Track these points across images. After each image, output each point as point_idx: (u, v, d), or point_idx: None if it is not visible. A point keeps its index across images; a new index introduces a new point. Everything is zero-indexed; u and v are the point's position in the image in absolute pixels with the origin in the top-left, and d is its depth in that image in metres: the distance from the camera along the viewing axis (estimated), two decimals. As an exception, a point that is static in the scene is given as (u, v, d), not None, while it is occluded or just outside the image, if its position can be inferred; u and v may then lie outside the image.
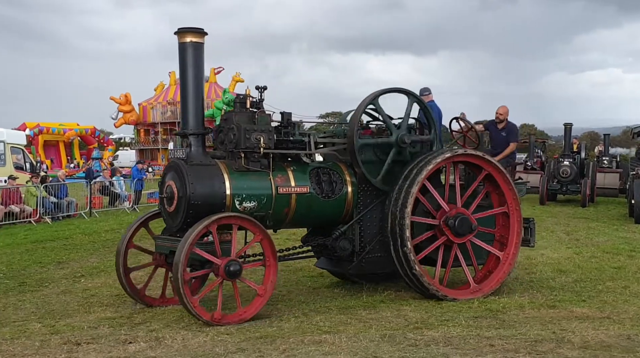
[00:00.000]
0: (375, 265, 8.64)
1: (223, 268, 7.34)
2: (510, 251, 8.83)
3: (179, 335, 6.82)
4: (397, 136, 8.47)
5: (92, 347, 6.48)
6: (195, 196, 7.50)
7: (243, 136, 7.76)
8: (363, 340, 6.36)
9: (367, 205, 8.55)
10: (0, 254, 12.99)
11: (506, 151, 10.11)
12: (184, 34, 7.84)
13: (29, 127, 39.93)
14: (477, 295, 8.44)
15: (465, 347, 6.09)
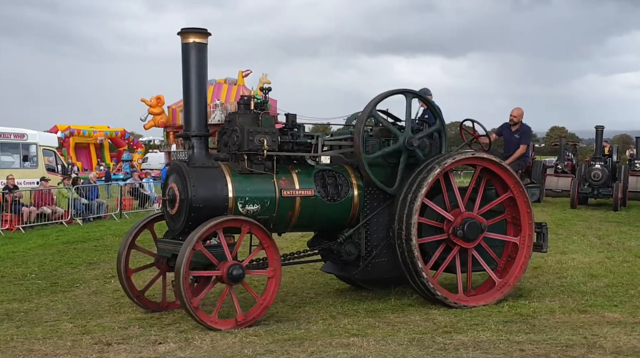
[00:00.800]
0: (381, 270, 8.44)
1: (226, 272, 7.22)
2: (526, 232, 8.63)
3: (208, 336, 6.86)
4: (404, 139, 8.27)
5: (122, 347, 6.55)
6: (197, 199, 7.39)
7: (246, 137, 7.61)
8: (391, 343, 6.34)
9: (373, 209, 8.37)
10: (33, 255, 13.21)
11: (516, 153, 9.86)
12: (187, 34, 7.74)
13: (61, 129, 40.51)
14: (498, 295, 8.29)
15: (495, 351, 6.04)
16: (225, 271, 7.21)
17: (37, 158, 21.13)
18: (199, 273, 7.51)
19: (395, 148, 8.31)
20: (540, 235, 9.05)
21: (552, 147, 42.20)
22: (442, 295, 8.05)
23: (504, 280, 8.51)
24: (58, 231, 16.88)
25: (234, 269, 7.22)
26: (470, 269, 8.47)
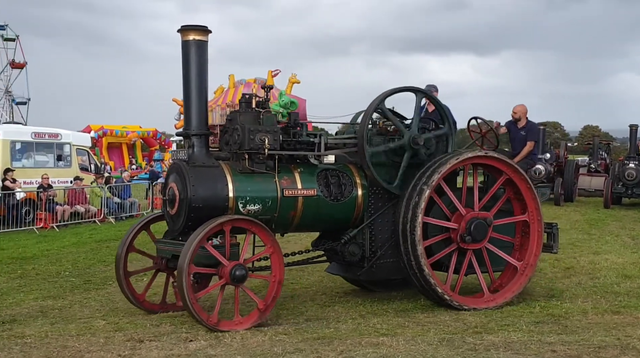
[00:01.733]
0: (386, 271, 8.26)
1: (229, 271, 7.08)
2: (529, 261, 8.41)
3: (238, 334, 6.91)
4: (409, 137, 8.09)
5: (154, 344, 6.61)
6: (196, 199, 7.26)
7: (247, 136, 7.46)
8: (421, 343, 6.31)
9: (378, 209, 8.19)
10: (66, 253, 13.42)
11: (523, 151, 9.62)
12: (187, 31, 7.58)
13: (94, 129, 41.06)
14: (490, 305, 8.09)
15: (527, 352, 5.98)
16: (228, 272, 7.09)
17: (70, 157, 21.44)
18: (203, 270, 7.35)
19: (400, 144, 8.13)
20: (551, 235, 8.86)
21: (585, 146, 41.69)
22: (449, 296, 7.92)
23: (493, 296, 8.26)
24: (91, 230, 17.13)
25: (237, 269, 7.10)
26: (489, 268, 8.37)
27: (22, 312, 8.45)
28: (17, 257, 12.83)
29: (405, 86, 8.32)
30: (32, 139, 20.55)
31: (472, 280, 8.80)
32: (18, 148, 20.09)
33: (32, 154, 20.54)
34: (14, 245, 14.42)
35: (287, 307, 8.37)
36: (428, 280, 7.81)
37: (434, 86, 9.69)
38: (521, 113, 9.82)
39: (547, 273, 10.46)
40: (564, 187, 23.35)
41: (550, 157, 24.15)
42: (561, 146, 26.81)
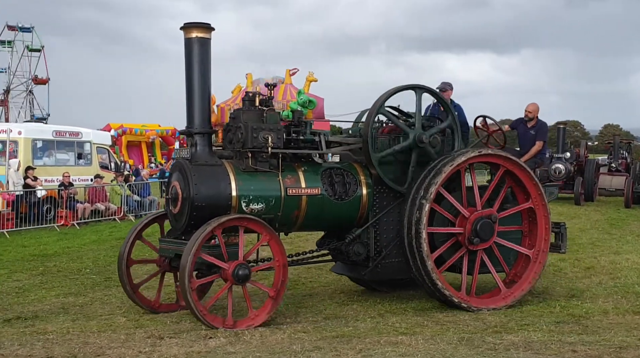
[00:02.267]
0: (392, 271, 8.17)
1: (231, 273, 7.06)
2: (540, 247, 8.36)
3: (257, 332, 6.93)
4: (414, 136, 7.99)
5: (174, 341, 6.65)
6: (199, 198, 7.20)
7: (250, 135, 7.37)
8: (440, 342, 6.29)
9: (383, 207, 8.10)
10: (87, 250, 13.53)
11: (532, 150, 9.47)
12: (189, 29, 7.50)
13: (113, 128, 41.35)
14: (507, 301, 8.02)
15: (547, 352, 5.94)
16: (231, 272, 7.06)
17: (91, 155, 21.61)
18: (203, 281, 7.42)
19: (406, 145, 8.03)
20: (559, 235, 8.76)
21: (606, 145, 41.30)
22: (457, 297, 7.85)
23: (510, 290, 8.20)
24: (111, 227, 17.26)
25: (240, 269, 7.07)
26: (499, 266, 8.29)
27: (44, 309, 8.55)
28: (39, 254, 12.96)
29: (407, 84, 8.21)
30: (53, 137, 20.74)
31: (487, 277, 8.75)
32: (39, 146, 20.28)
33: (53, 152, 20.72)
34: (35, 243, 14.57)
35: (305, 305, 8.38)
36: (443, 293, 7.79)
37: (449, 83, 9.58)
38: (535, 112, 9.71)
39: (568, 273, 10.39)
40: (584, 186, 23.15)
41: (571, 156, 23.96)
42: (581, 145, 26.61)
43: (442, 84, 9.48)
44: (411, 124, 8.18)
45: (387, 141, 8.20)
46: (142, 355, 6.18)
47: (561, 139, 24.65)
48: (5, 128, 19.89)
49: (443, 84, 9.49)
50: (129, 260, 8.12)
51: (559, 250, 8.83)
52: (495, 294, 8.24)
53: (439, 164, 7.87)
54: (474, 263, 8.13)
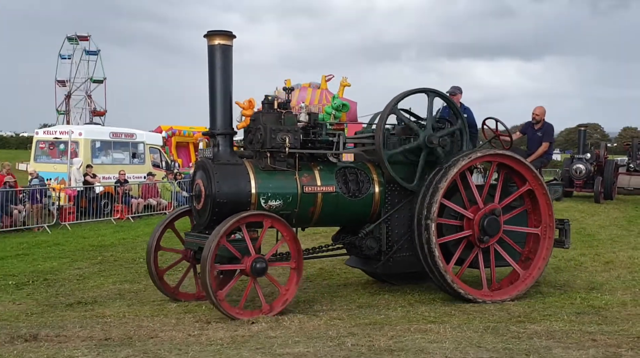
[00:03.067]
0: (403, 265, 8.10)
1: (250, 265, 7.05)
2: (546, 222, 8.16)
3: (296, 318, 6.96)
4: (424, 137, 7.92)
5: (220, 325, 6.73)
6: (220, 195, 7.20)
7: (269, 135, 7.39)
8: (467, 330, 6.25)
9: (394, 204, 8.02)
10: (141, 241, 13.72)
11: (539, 150, 9.24)
12: (212, 37, 7.49)
13: (164, 129, 41.76)
14: (528, 282, 7.96)
15: (568, 340, 5.86)
16: (249, 265, 7.06)
17: (144, 155, 21.89)
18: (224, 267, 7.33)
19: (415, 145, 7.97)
20: (563, 231, 8.56)
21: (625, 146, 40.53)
22: (466, 292, 7.72)
23: (491, 293, 7.94)
24: (162, 221, 17.45)
25: (257, 262, 7.06)
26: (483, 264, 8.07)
27: (102, 294, 8.71)
28: (97, 245, 13.19)
29: (419, 88, 8.11)
30: (110, 138, 21.07)
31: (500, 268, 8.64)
32: (98, 146, 20.62)
33: (110, 152, 21.05)
34: (94, 234, 14.83)
35: (340, 295, 8.39)
36: (460, 293, 7.69)
37: (459, 87, 9.40)
38: (542, 115, 9.51)
39: (588, 267, 10.23)
40: (604, 186, 22.81)
41: (591, 157, 23.67)
42: (601, 146, 26.15)
43: (452, 88, 9.32)
44: (422, 126, 8.12)
45: (398, 142, 8.12)
46: (191, 338, 6.26)
47: (582, 140, 24.32)
48: (67, 130, 20.29)
49: (453, 88, 9.33)
50: (157, 246, 8.19)
51: (563, 246, 8.64)
52: (515, 279, 8.13)
53: (442, 170, 7.76)
54: (487, 255, 8.02)
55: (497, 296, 7.88)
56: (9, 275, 9.91)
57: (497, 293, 7.95)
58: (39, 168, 18.93)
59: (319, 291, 8.63)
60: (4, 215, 15.03)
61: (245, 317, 6.98)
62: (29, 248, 12.69)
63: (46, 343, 6.08)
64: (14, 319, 7.22)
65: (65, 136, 19.80)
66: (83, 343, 6.07)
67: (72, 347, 5.83)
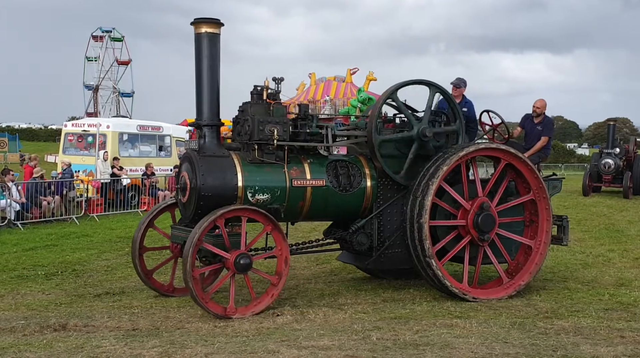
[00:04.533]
0: (395, 261, 7.89)
1: (233, 262, 6.82)
2: (542, 238, 7.97)
3: (321, 312, 6.97)
4: (418, 129, 7.68)
5: (245, 317, 6.78)
6: (205, 188, 6.99)
7: (257, 127, 7.15)
8: (493, 326, 6.21)
9: (387, 199, 7.80)
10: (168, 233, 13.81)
11: (537, 144, 8.92)
12: (199, 24, 7.21)
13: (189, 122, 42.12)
14: (508, 292, 7.67)
15: (596, 337, 5.80)
16: (233, 262, 6.82)
17: (170, 148, 22.04)
18: (205, 269, 7.14)
19: (408, 135, 7.76)
20: (561, 227, 8.35)
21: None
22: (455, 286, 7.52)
23: (512, 280, 7.85)
24: (188, 213, 17.56)
25: (241, 258, 6.84)
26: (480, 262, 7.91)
27: (129, 285, 8.80)
28: (124, 236, 13.31)
29: (419, 79, 7.93)
30: (137, 131, 21.25)
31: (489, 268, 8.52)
32: (125, 139, 20.81)
33: (137, 144, 21.21)
34: (121, 226, 14.98)
35: (365, 288, 8.37)
36: (444, 283, 7.50)
37: (463, 80, 9.10)
38: (543, 108, 9.18)
39: (616, 263, 10.09)
40: (633, 181, 22.50)
41: (620, 152, 23.31)
42: (630, 141, 25.71)
43: (457, 79, 9.04)
44: (418, 118, 7.91)
45: (391, 132, 7.95)
46: (217, 329, 6.31)
47: (611, 135, 23.94)
48: (95, 123, 20.51)
49: (458, 79, 9.05)
50: (142, 247, 8.07)
51: (561, 243, 8.44)
52: (497, 284, 7.92)
53: (440, 159, 7.58)
54: (476, 255, 7.84)
55: (493, 294, 7.69)
56: (38, 266, 10.06)
57: (492, 292, 7.75)
58: (68, 160, 19.18)
59: (344, 285, 8.62)
60: (33, 206, 15.28)
61: (232, 314, 6.80)
62: (58, 239, 12.87)
63: (75, 333, 6.18)
64: (44, 309, 7.34)
65: (94, 129, 20.02)
66: (111, 333, 6.16)
67: (100, 337, 5.91)
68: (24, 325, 6.40)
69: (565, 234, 8.41)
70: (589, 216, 16.48)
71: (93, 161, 19.14)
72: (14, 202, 14.62)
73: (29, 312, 7.14)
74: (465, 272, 7.78)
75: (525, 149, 8.77)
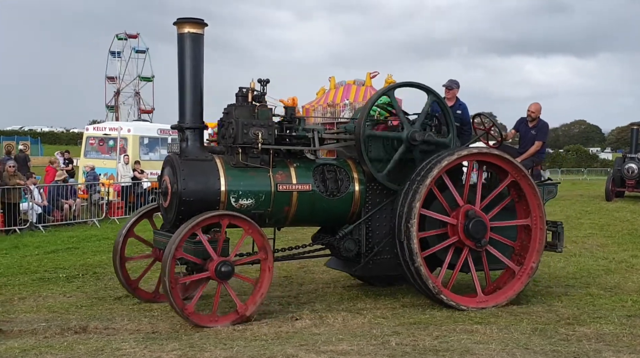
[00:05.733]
0: (384, 267, 7.63)
1: (214, 270, 6.61)
2: (528, 265, 7.71)
3: (340, 316, 6.96)
4: (408, 132, 7.44)
5: (265, 321, 6.79)
6: (187, 192, 6.78)
7: (241, 130, 6.94)
8: (514, 332, 6.16)
9: (376, 204, 7.55)
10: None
11: (531, 149, 8.73)
12: (182, 24, 7.01)
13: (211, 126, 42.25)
14: (478, 306, 7.38)
15: (618, 344, 5.73)
16: (214, 270, 6.61)
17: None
18: (185, 279, 6.88)
19: (397, 135, 7.53)
20: (556, 234, 8.13)
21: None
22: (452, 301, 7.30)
23: (486, 298, 7.54)
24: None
25: (222, 266, 6.62)
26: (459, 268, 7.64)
27: (150, 288, 8.84)
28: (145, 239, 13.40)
29: (413, 82, 7.70)
30: (158, 135, 21.41)
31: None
32: (146, 142, 20.98)
33: (158, 148, 21.38)
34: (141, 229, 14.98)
35: (384, 293, 8.35)
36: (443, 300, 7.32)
37: (456, 82, 8.90)
38: (538, 113, 9.00)
39: (639, 268, 9.96)
40: (657, 186, 22.19)
41: (644, 156, 22.98)
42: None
43: (449, 81, 8.84)
44: (411, 121, 7.69)
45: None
46: (236, 333, 6.33)
47: (635, 139, 23.64)
48: (117, 126, 20.71)
49: (450, 81, 8.85)
50: (123, 257, 7.90)
51: (556, 249, 8.20)
52: (472, 297, 7.61)
53: (430, 164, 7.37)
54: (475, 261, 7.62)
55: (489, 302, 7.48)
56: (59, 268, 10.17)
57: (490, 298, 7.55)
58: (91, 163, 19.39)
59: (363, 289, 8.61)
60: (55, 209, 15.46)
61: (219, 323, 6.61)
62: (79, 241, 13.00)
63: (95, 335, 6.23)
64: (64, 311, 7.41)
65: (115, 133, 20.23)
66: (131, 335, 6.20)
67: (120, 339, 5.96)
68: (45, 327, 6.48)
69: (560, 240, 8.17)
70: (612, 221, 16.29)
71: (114, 164, 19.33)
72: (35, 205, 14.82)
73: (50, 314, 7.22)
74: (475, 281, 7.64)
75: (520, 154, 8.63)
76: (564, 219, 16.64)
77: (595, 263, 10.48)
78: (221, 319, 6.70)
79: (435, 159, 7.39)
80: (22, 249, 11.96)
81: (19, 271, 9.93)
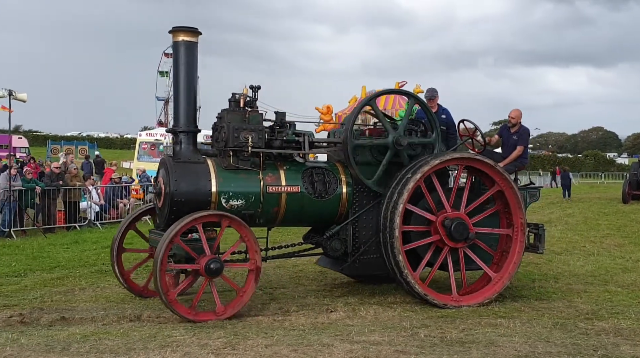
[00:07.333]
0: (370, 267, 7.50)
1: (204, 266, 6.54)
2: (505, 272, 7.47)
3: (372, 309, 6.95)
4: (393, 137, 7.35)
5: (302, 312, 6.82)
6: (178, 193, 6.73)
7: (232, 134, 6.89)
8: (536, 326, 6.08)
9: (363, 206, 7.44)
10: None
11: (513, 154, 8.43)
12: (177, 33, 6.98)
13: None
14: (461, 304, 7.18)
15: (636, 338, 5.60)
16: (204, 265, 6.55)
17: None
18: (175, 266, 6.71)
19: (383, 142, 7.42)
20: (537, 236, 7.87)
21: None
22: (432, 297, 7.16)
23: (460, 298, 7.31)
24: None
25: (212, 263, 6.55)
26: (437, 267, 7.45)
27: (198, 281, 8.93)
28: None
29: (393, 89, 7.49)
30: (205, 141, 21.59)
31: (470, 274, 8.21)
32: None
33: (204, 153, 21.61)
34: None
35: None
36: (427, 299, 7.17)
37: (435, 89, 8.74)
38: (518, 118, 8.70)
39: (656, 268, 9.73)
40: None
41: (659, 161, 22.46)
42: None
43: (428, 91, 8.69)
44: (395, 127, 7.58)
45: (367, 139, 7.61)
46: (275, 323, 6.37)
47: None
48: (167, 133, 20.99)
49: (429, 91, 8.70)
50: (120, 248, 7.80)
51: (537, 250, 7.93)
52: (484, 284, 7.48)
53: (414, 168, 7.23)
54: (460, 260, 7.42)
55: (465, 301, 7.28)
56: (115, 262, 10.33)
57: (466, 298, 7.34)
58: (141, 167, 19.72)
59: (393, 284, 8.57)
60: (111, 208, 15.74)
61: (197, 318, 6.46)
62: (133, 237, 13.13)
63: (148, 323, 6.34)
64: (120, 301, 7.54)
65: (165, 139, 20.51)
66: (180, 324, 6.29)
67: (171, 328, 6.05)
68: (103, 315, 6.61)
69: (541, 242, 7.89)
70: (629, 223, 15.96)
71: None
72: (93, 204, 15.12)
73: (107, 304, 7.36)
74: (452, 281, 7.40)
75: (503, 159, 8.41)
76: (583, 220, 16.33)
77: (613, 262, 10.27)
78: (200, 315, 6.54)
79: (423, 160, 7.26)
80: (82, 244, 12.21)
81: (79, 264, 10.15)
